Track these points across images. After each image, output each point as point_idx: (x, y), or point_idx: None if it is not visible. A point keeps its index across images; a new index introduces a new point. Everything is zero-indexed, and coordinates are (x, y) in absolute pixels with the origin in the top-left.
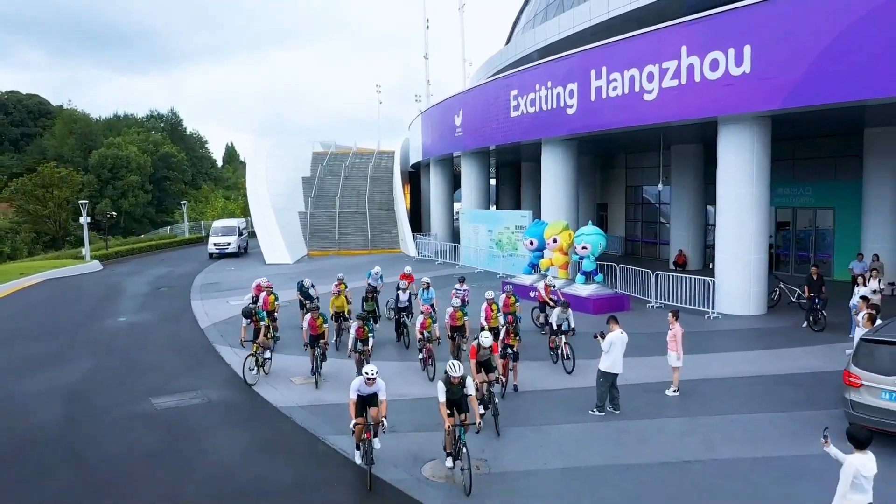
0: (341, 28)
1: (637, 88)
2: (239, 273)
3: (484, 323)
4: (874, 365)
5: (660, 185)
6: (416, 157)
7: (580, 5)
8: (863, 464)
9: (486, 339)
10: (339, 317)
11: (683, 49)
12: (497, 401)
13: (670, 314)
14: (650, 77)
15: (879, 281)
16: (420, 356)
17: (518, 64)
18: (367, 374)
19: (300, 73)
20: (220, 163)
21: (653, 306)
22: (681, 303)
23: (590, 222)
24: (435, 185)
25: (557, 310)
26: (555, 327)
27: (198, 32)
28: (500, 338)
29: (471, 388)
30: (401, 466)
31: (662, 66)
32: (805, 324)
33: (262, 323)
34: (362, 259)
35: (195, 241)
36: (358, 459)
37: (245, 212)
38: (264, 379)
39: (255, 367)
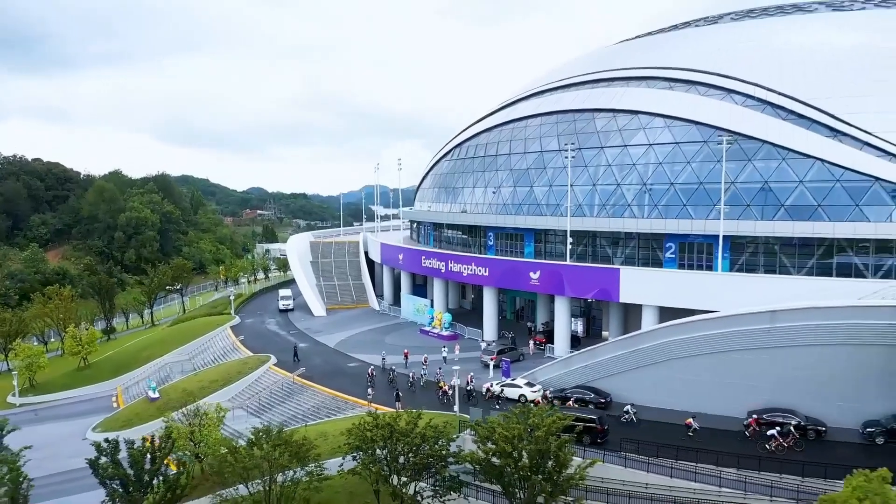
0: (249, 37)
1: (461, 271)
2: (311, 322)
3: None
4: (486, 350)
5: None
6: (375, 256)
7: (451, 202)
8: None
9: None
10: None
11: (473, 263)
12: None
13: (458, 339)
14: (465, 269)
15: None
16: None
17: (422, 214)
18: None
19: (204, 79)
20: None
21: (465, 336)
22: (474, 337)
23: (447, 311)
24: (385, 274)
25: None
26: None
27: (96, 38)
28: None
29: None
30: None
31: (469, 265)
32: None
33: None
34: (355, 311)
35: (251, 297)
36: None
37: (254, 267)
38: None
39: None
